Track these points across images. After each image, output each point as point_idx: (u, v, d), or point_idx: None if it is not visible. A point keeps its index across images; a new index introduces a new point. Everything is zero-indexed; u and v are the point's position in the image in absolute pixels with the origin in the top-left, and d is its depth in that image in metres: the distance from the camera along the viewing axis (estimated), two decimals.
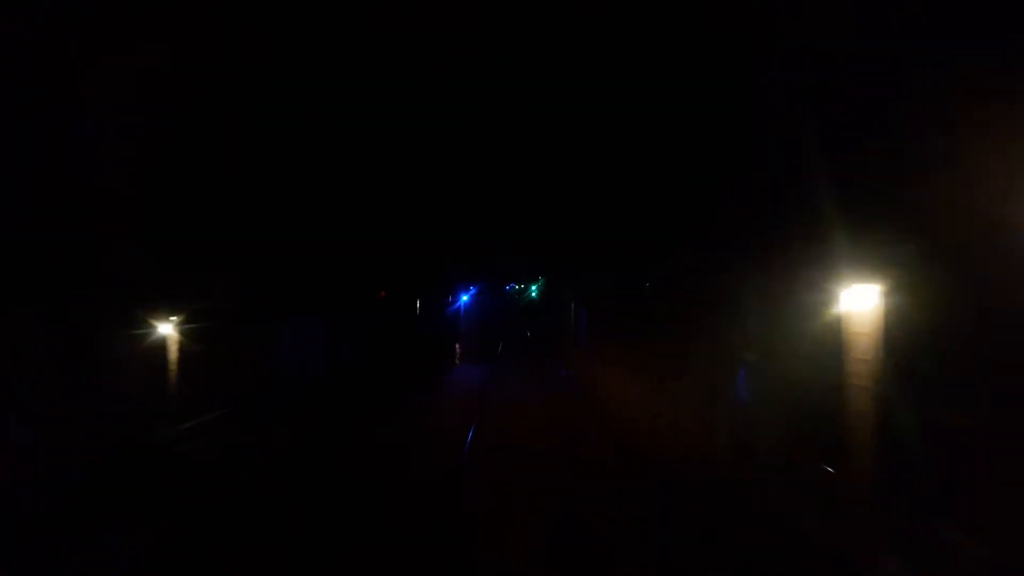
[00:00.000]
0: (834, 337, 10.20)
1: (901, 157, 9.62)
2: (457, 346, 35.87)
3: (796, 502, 11.57)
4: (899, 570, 9.08)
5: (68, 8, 12.63)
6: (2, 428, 11.10)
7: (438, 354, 34.45)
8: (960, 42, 8.63)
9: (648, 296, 25.45)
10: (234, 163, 18.30)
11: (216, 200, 17.60)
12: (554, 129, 27.29)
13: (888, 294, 9.32)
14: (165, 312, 15.05)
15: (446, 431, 18.11)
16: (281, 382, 20.13)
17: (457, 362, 34.68)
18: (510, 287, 70.74)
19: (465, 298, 38.63)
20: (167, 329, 15.08)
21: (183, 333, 15.60)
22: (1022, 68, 7.76)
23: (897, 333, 9.41)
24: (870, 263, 9.57)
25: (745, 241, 16.98)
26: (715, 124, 17.80)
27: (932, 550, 8.78)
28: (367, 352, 25.88)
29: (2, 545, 9.71)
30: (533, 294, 73.04)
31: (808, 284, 11.38)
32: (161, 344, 15.09)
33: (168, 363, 15.29)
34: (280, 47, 18.49)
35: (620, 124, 22.11)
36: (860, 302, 9.54)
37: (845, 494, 10.06)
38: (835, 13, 10.87)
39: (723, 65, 17.37)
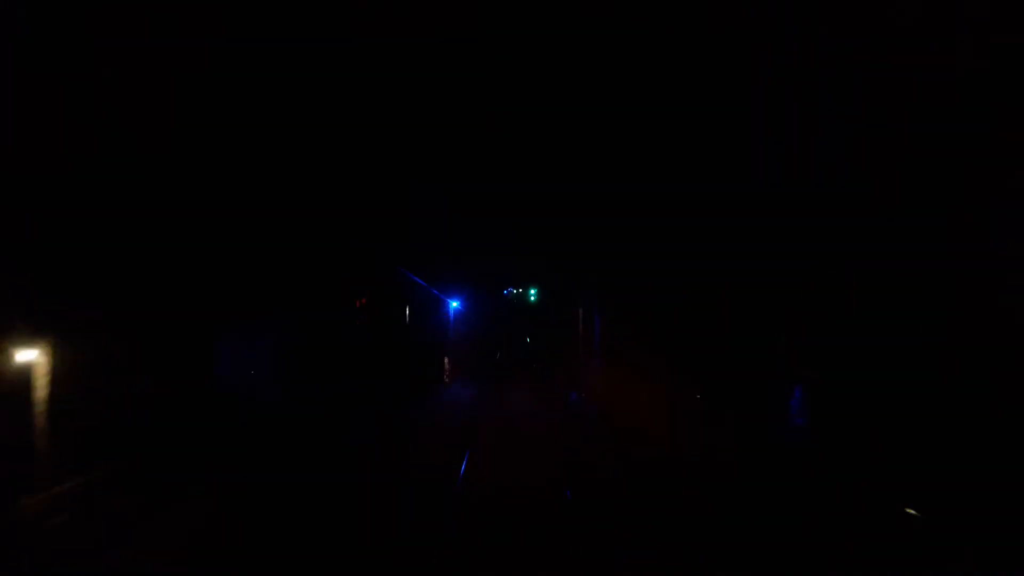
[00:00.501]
0: None
1: None
2: (446, 360, 31.59)
3: None
4: None
5: None
6: None
7: (428, 370, 30.29)
8: None
9: (681, 299, 21.31)
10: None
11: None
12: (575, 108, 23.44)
13: None
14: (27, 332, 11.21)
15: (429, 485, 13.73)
16: (213, 414, 16.15)
17: (447, 380, 30.32)
18: (508, 291, 67.33)
19: (456, 304, 34.83)
20: (30, 355, 11.09)
21: (58, 359, 11.65)
22: None
23: None
24: None
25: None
26: None
27: None
28: (339, 372, 21.87)
29: None
30: (532, 299, 69.52)
31: None
32: (24, 375, 11.10)
33: (36, 402, 11.34)
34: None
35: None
36: None
37: None
38: None
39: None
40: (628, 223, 25.08)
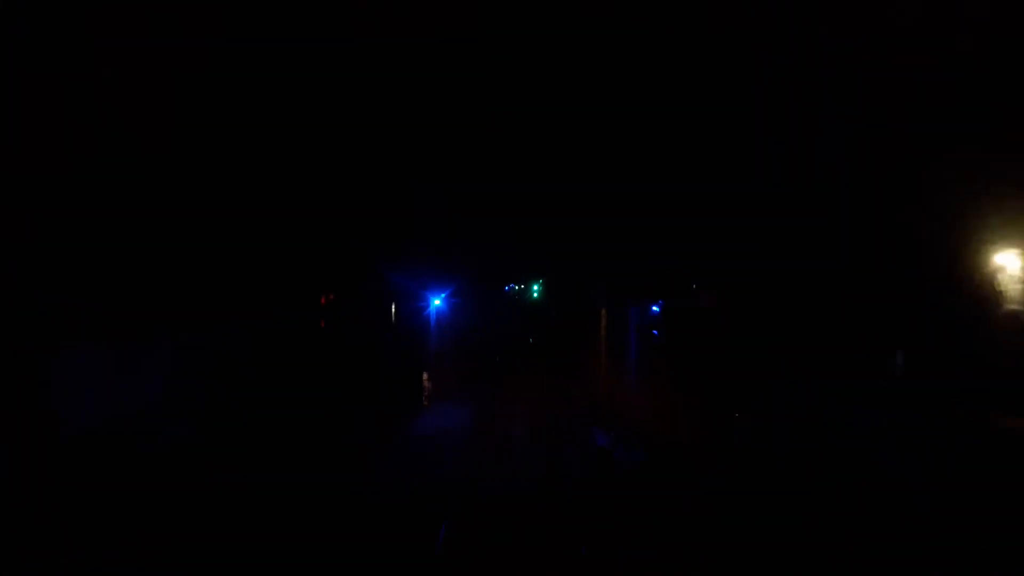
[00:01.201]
0: None
1: None
2: (426, 376, 26.88)
3: None
4: None
5: None
6: None
7: (415, 384, 25.76)
8: None
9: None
10: None
11: None
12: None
13: None
14: None
15: None
16: (76, 459, 11.35)
17: (426, 402, 24.92)
18: (509, 287, 64.94)
19: (438, 302, 32.19)
20: None
21: None
22: None
23: None
24: None
25: None
26: None
27: None
28: (287, 395, 16.63)
29: None
30: (535, 295, 66.49)
31: None
32: None
33: None
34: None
35: None
36: None
37: None
38: None
39: None
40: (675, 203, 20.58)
